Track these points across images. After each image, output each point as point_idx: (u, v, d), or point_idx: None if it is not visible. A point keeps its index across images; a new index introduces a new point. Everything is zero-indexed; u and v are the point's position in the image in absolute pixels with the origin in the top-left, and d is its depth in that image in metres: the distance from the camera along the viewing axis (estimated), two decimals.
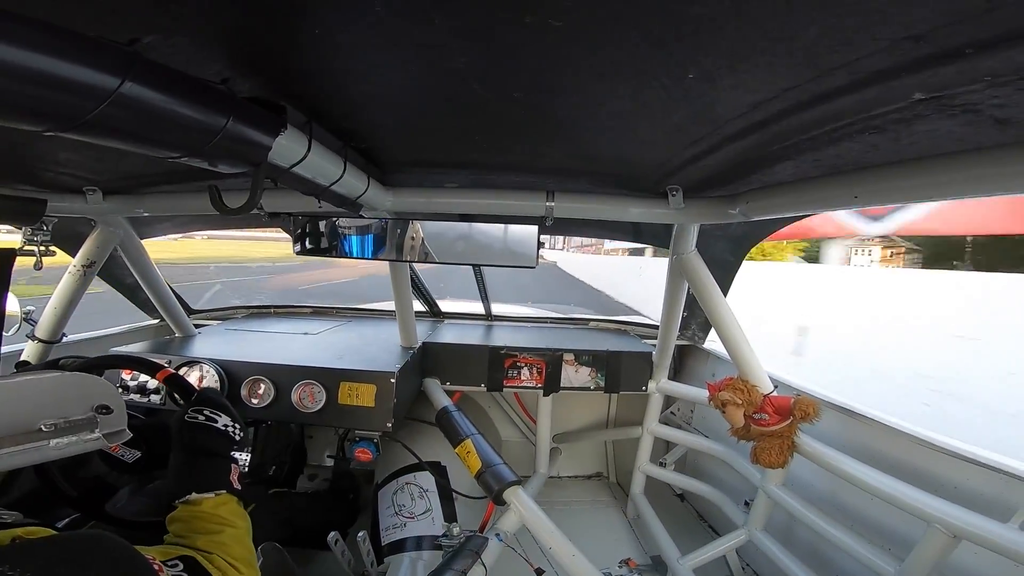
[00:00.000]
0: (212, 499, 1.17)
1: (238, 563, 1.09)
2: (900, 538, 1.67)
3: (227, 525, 1.14)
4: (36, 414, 0.99)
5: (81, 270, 2.09)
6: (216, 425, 1.29)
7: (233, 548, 1.11)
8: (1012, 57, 0.59)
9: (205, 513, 1.14)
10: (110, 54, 0.59)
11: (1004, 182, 0.89)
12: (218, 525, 1.13)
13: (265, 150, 0.91)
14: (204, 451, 1.25)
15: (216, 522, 1.13)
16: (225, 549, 1.09)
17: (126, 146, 0.71)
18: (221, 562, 1.05)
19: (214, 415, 1.30)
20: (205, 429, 1.28)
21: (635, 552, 2.63)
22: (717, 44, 0.66)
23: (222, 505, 1.17)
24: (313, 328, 2.91)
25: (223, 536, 1.11)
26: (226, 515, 1.16)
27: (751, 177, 1.36)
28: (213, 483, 1.19)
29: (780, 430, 1.89)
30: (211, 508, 1.15)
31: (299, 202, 1.71)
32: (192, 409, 1.31)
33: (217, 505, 1.16)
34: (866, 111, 0.84)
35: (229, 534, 1.13)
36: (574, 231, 2.59)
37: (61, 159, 1.38)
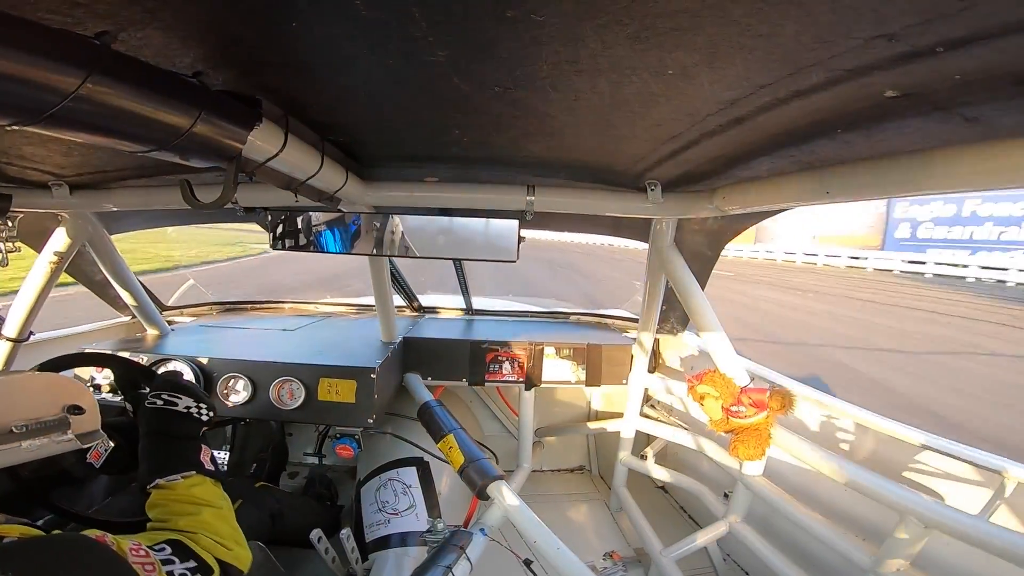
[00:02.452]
0: (183, 481, 1.15)
1: (224, 540, 1.08)
2: (874, 529, 1.72)
3: (204, 505, 1.13)
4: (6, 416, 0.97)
5: (48, 266, 2.03)
6: (177, 408, 1.27)
7: (215, 526, 1.09)
8: (982, 56, 0.61)
9: (179, 495, 1.13)
10: (76, 47, 0.57)
11: (974, 179, 0.91)
12: (194, 506, 1.11)
13: (239, 144, 0.90)
14: (167, 435, 1.23)
15: (192, 502, 1.12)
16: (207, 528, 1.07)
17: (94, 140, 0.69)
18: (207, 541, 1.04)
19: (173, 398, 1.28)
20: (165, 413, 1.25)
21: (619, 544, 2.66)
22: (695, 41, 0.66)
23: (195, 486, 1.16)
24: (291, 324, 2.87)
25: (203, 516, 1.09)
26: (201, 495, 1.14)
27: (728, 172, 1.38)
28: (180, 465, 1.17)
29: (757, 422, 1.93)
30: (184, 490, 1.14)
31: (275, 196, 1.68)
32: (151, 395, 1.28)
33: (190, 487, 1.15)
34: (839, 108, 0.85)
35: (209, 513, 1.11)
36: (554, 225, 2.60)
37: (26, 153, 1.34)
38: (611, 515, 2.97)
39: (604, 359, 2.71)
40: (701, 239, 2.10)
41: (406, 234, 1.60)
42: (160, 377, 1.36)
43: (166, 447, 1.21)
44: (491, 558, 1.73)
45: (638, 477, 2.92)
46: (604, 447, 3.46)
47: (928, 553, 1.51)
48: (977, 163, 0.88)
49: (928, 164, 0.95)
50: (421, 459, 2.30)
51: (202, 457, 1.23)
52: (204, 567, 0.99)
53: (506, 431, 3.44)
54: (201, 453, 1.23)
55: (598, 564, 2.42)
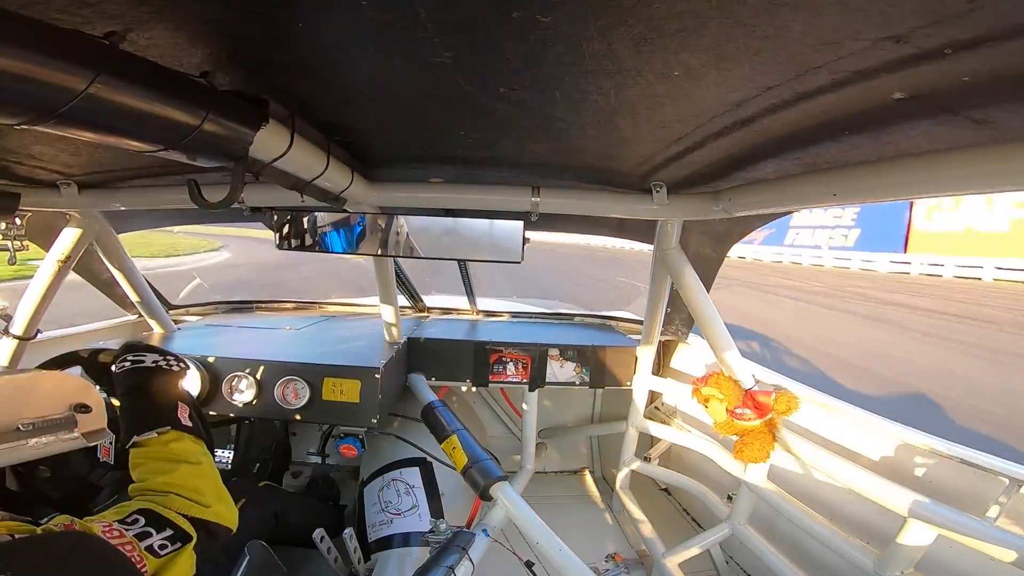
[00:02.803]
0: (157, 437, 1.13)
1: (203, 498, 1.05)
2: (879, 531, 1.71)
3: (181, 461, 1.10)
4: (13, 413, 0.97)
5: (56, 265, 2.04)
6: (144, 363, 1.24)
7: (193, 483, 1.07)
8: (990, 58, 0.60)
9: (155, 452, 1.11)
10: (85, 47, 0.58)
11: (980, 181, 0.91)
12: (170, 463, 1.09)
13: (246, 144, 0.90)
14: (139, 391, 1.21)
15: (167, 459, 1.10)
16: (184, 485, 1.05)
17: (102, 140, 0.70)
18: (180, 501, 1.02)
19: (139, 356, 1.25)
20: (133, 371, 1.23)
21: (621, 546, 2.65)
22: (701, 42, 0.66)
23: (172, 442, 1.13)
24: (296, 323, 2.88)
25: (178, 473, 1.07)
26: (178, 452, 1.12)
27: (734, 174, 1.38)
28: (154, 421, 1.15)
29: (761, 425, 1.92)
30: (160, 446, 1.12)
31: (281, 196, 1.68)
32: (117, 362, 1.26)
33: (166, 443, 1.13)
34: (846, 110, 0.85)
35: (185, 470, 1.09)
36: (559, 227, 2.60)
37: (35, 152, 1.35)
38: (614, 517, 2.96)
39: (608, 361, 2.71)
40: (706, 241, 2.09)
41: (411, 235, 1.60)
42: (123, 345, 1.32)
43: (139, 404, 1.19)
44: (493, 559, 1.73)
45: (641, 479, 2.92)
46: (607, 449, 3.45)
47: (933, 556, 1.50)
48: (985, 165, 0.87)
49: (936, 167, 0.94)
50: (424, 459, 2.30)
51: (179, 414, 1.19)
52: (181, 533, 0.97)
53: (509, 432, 3.44)
54: (178, 410, 1.20)
55: (600, 566, 2.41)
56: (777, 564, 1.89)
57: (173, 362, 1.29)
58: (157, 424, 1.14)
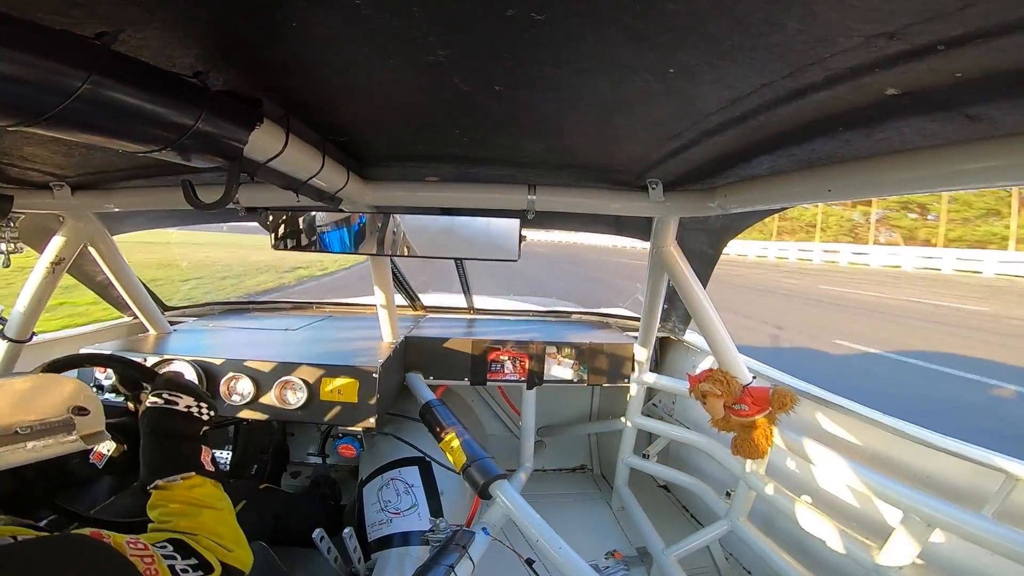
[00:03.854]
0: (182, 482, 1.14)
1: (225, 542, 1.07)
2: (877, 526, 1.72)
3: (204, 507, 1.12)
4: (11, 417, 0.97)
5: (50, 267, 2.03)
6: (178, 408, 1.25)
7: (216, 528, 1.09)
8: (983, 55, 0.60)
9: (178, 496, 1.11)
10: (76, 48, 0.57)
11: (974, 177, 0.91)
12: (195, 507, 1.11)
13: (240, 144, 0.90)
14: (167, 435, 1.21)
15: (192, 503, 1.11)
16: (207, 529, 1.06)
17: (95, 141, 0.70)
18: (208, 542, 1.03)
19: (174, 397, 1.26)
20: (166, 413, 1.24)
21: (621, 543, 2.66)
22: (696, 40, 0.66)
23: (196, 488, 1.14)
24: (293, 324, 2.87)
25: (202, 517, 1.09)
26: (201, 497, 1.13)
27: (729, 171, 1.38)
28: (180, 466, 1.16)
29: (759, 420, 1.93)
30: (184, 491, 1.13)
31: (277, 196, 1.68)
32: (152, 394, 1.27)
33: (190, 488, 1.14)
34: (841, 106, 0.85)
35: (209, 515, 1.10)
36: (556, 224, 2.60)
37: (27, 154, 1.34)
38: (613, 514, 2.97)
39: (606, 358, 2.71)
40: (703, 238, 2.09)
41: (407, 234, 1.60)
42: (161, 377, 1.34)
43: (166, 447, 1.20)
44: (493, 557, 1.73)
45: (640, 476, 2.92)
46: (606, 446, 3.46)
47: (931, 551, 1.51)
48: (979, 161, 0.88)
49: (929, 162, 0.95)
50: (423, 458, 2.30)
51: (203, 458, 1.22)
52: (205, 564, 0.98)
53: (508, 430, 3.44)
54: (202, 454, 1.22)
55: (600, 563, 2.41)
56: (776, 560, 1.90)
57: (205, 410, 1.30)
58: (182, 469, 1.16)
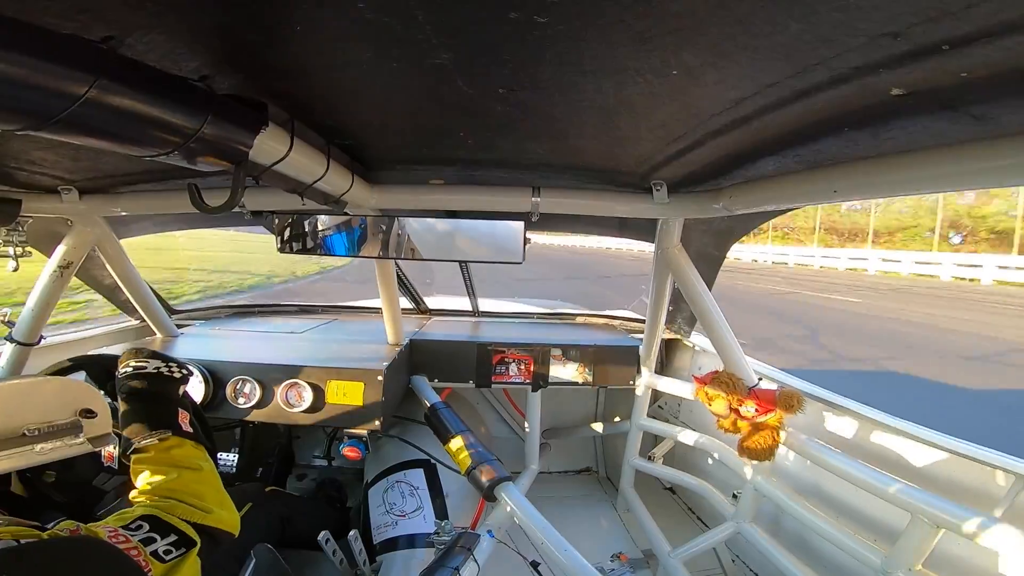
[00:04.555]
0: (158, 443, 1.12)
1: (204, 503, 1.05)
2: (885, 529, 1.70)
3: (183, 467, 1.10)
4: (19, 419, 0.98)
5: (58, 271, 2.04)
6: (146, 370, 1.23)
7: (196, 488, 1.07)
8: (988, 54, 0.60)
9: (155, 457, 1.10)
10: (83, 52, 0.58)
11: (981, 177, 0.90)
12: (172, 468, 1.09)
13: (246, 148, 0.90)
14: (139, 397, 1.20)
15: (168, 464, 1.10)
16: (185, 491, 1.05)
17: (101, 145, 0.70)
18: (183, 507, 1.01)
19: (142, 362, 1.24)
20: (135, 376, 1.22)
21: (626, 546, 2.65)
22: (700, 41, 0.66)
23: (173, 448, 1.13)
24: (299, 327, 2.88)
25: (180, 479, 1.07)
26: (179, 457, 1.12)
27: (734, 172, 1.37)
28: (155, 426, 1.14)
29: (766, 422, 1.92)
30: (161, 452, 1.11)
31: (282, 200, 1.69)
32: (120, 368, 1.25)
33: (167, 448, 1.12)
34: (845, 107, 0.85)
35: (188, 475, 1.09)
36: (560, 227, 2.60)
37: (35, 158, 1.35)
38: (618, 516, 2.96)
39: (611, 360, 2.70)
40: (708, 239, 2.09)
41: (412, 236, 1.61)
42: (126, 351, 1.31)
43: (139, 410, 1.18)
44: (498, 560, 1.72)
45: (645, 478, 2.91)
46: (611, 448, 3.45)
47: (940, 553, 1.49)
48: (986, 161, 0.87)
49: (935, 162, 0.94)
50: (428, 461, 2.30)
51: (180, 420, 1.19)
52: (185, 539, 0.97)
53: (513, 433, 3.44)
54: (179, 416, 1.20)
55: (606, 566, 2.41)
56: (783, 562, 1.89)
57: (175, 368, 1.28)
58: (158, 429, 1.14)
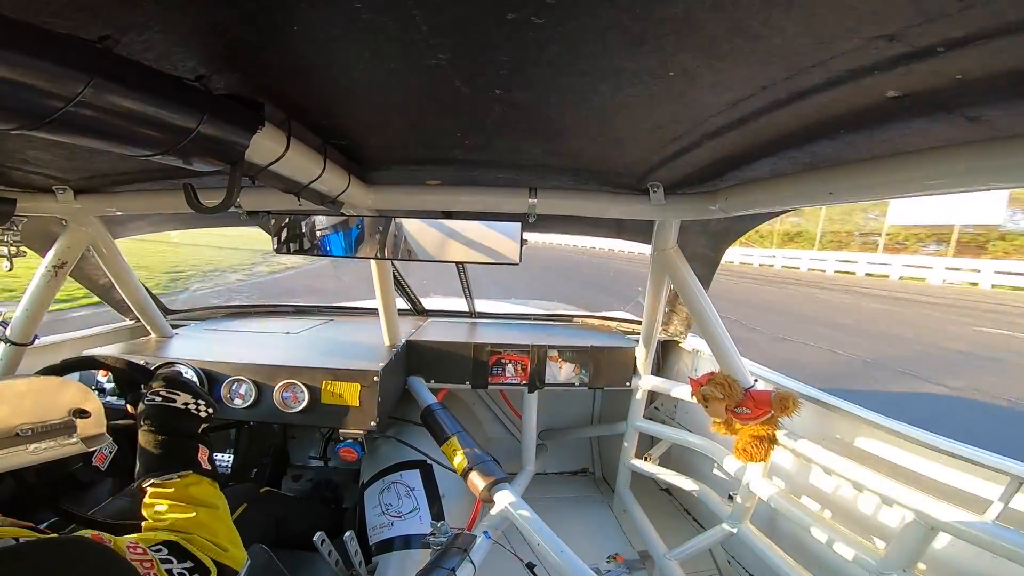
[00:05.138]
0: (179, 480, 1.12)
1: (219, 541, 1.06)
2: (880, 530, 1.71)
3: (200, 505, 1.10)
4: (12, 419, 0.97)
5: (52, 271, 2.04)
6: (175, 404, 1.23)
7: (211, 526, 1.07)
8: (983, 56, 0.60)
9: (174, 494, 1.10)
10: (78, 51, 0.58)
11: (975, 178, 0.91)
12: (191, 505, 1.09)
13: (242, 148, 0.90)
14: (164, 432, 1.20)
15: (188, 502, 1.10)
16: (202, 528, 1.05)
17: (96, 144, 0.70)
18: (201, 541, 1.02)
19: (171, 394, 1.24)
20: (163, 410, 1.22)
21: (622, 547, 2.65)
22: (696, 42, 0.66)
23: (192, 486, 1.13)
24: (295, 327, 2.87)
25: (198, 516, 1.07)
26: (198, 495, 1.12)
27: (730, 174, 1.38)
28: (177, 464, 1.15)
29: (761, 423, 1.92)
30: (180, 489, 1.11)
31: (278, 200, 1.69)
32: (149, 392, 1.25)
33: (186, 486, 1.12)
34: (841, 109, 0.85)
35: (205, 513, 1.09)
36: (557, 228, 2.60)
37: (30, 157, 1.34)
38: (614, 517, 2.96)
39: (607, 361, 2.71)
40: (704, 241, 2.09)
41: (409, 238, 1.60)
42: (159, 374, 1.32)
43: (163, 445, 1.18)
44: (494, 561, 1.72)
45: (642, 479, 2.92)
46: (607, 449, 3.45)
47: (935, 555, 1.50)
48: (980, 162, 0.88)
49: (931, 164, 0.95)
50: (424, 462, 2.29)
51: (200, 456, 1.20)
52: (201, 567, 0.97)
53: (509, 434, 3.44)
54: (199, 452, 1.21)
55: (602, 567, 2.41)
56: (779, 563, 1.89)
57: (203, 407, 1.29)
58: (179, 467, 1.15)
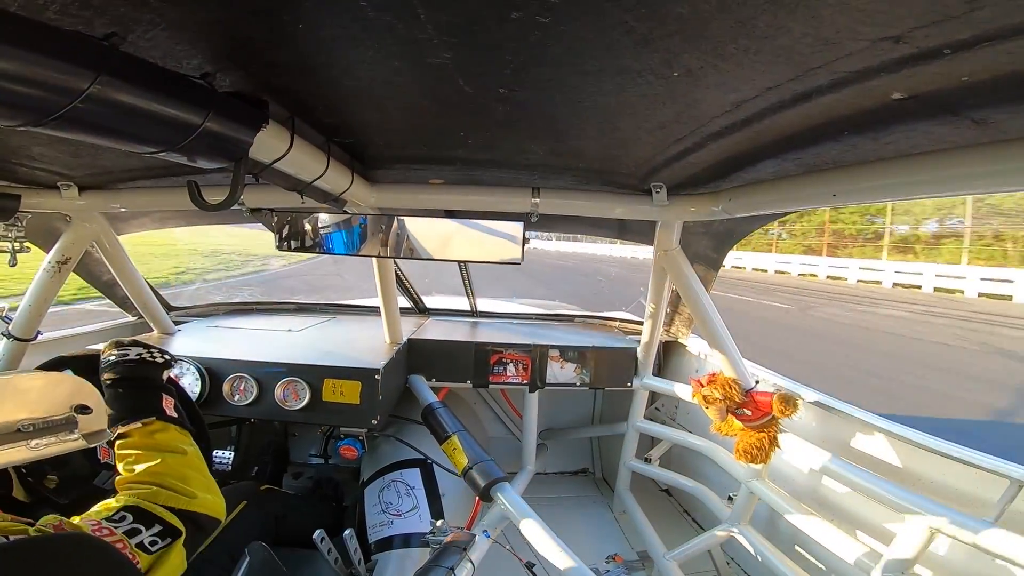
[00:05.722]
0: (142, 427, 1.12)
1: (190, 486, 1.05)
2: (880, 532, 1.71)
3: (167, 451, 1.10)
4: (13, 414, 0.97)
5: (56, 267, 2.04)
6: (128, 356, 1.23)
7: (179, 471, 1.07)
8: (989, 59, 0.60)
9: (139, 442, 1.10)
10: (85, 48, 0.58)
11: (980, 181, 0.91)
12: (156, 452, 1.08)
13: (246, 145, 0.90)
14: (122, 383, 1.19)
15: (152, 448, 1.09)
16: (169, 475, 1.04)
17: (102, 141, 0.70)
18: (166, 494, 1.01)
19: (124, 350, 1.24)
20: (117, 363, 1.22)
21: (622, 547, 2.65)
22: (701, 43, 0.66)
23: (157, 432, 1.13)
24: (297, 324, 2.87)
25: (165, 463, 1.07)
26: (163, 441, 1.11)
27: (734, 175, 1.38)
28: (139, 411, 1.14)
29: (762, 425, 1.92)
30: (145, 436, 1.11)
31: (281, 198, 1.69)
32: (103, 358, 1.25)
33: (151, 433, 1.12)
34: (846, 110, 0.85)
35: (173, 459, 1.08)
36: (559, 227, 2.60)
37: (35, 153, 1.35)
38: (614, 518, 2.96)
39: (608, 362, 2.71)
40: (706, 242, 2.09)
41: (411, 236, 1.60)
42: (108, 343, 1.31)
43: (122, 395, 1.18)
44: (494, 560, 1.72)
45: (641, 480, 2.91)
46: (608, 450, 3.45)
47: (934, 557, 1.50)
48: (986, 165, 0.87)
49: (935, 166, 0.94)
50: (425, 460, 2.29)
51: (164, 405, 1.19)
52: (169, 528, 0.96)
53: (510, 433, 3.44)
54: (163, 401, 1.20)
55: (601, 567, 2.41)
56: (778, 564, 1.89)
57: (157, 354, 1.28)
58: (141, 414, 1.14)
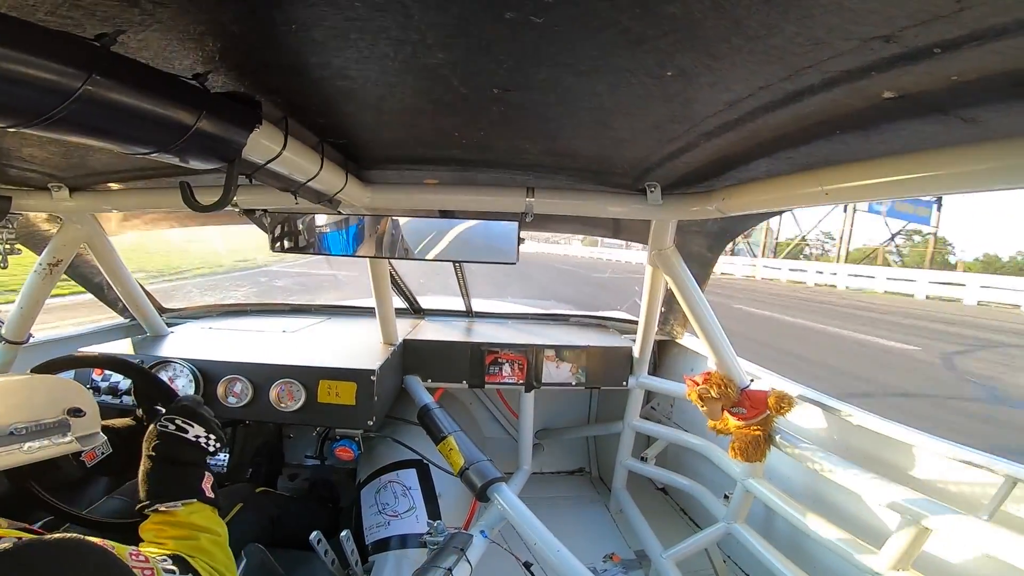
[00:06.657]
0: (182, 508, 1.14)
1: (219, 567, 1.07)
2: (875, 529, 1.72)
3: (202, 532, 1.12)
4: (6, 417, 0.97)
5: (47, 269, 2.02)
6: (187, 436, 1.25)
7: (212, 553, 1.09)
8: (979, 58, 0.61)
9: (177, 522, 1.12)
10: (75, 49, 0.57)
11: (971, 179, 0.91)
12: (193, 532, 1.11)
13: (239, 146, 0.90)
14: (172, 461, 1.22)
15: (190, 529, 1.11)
16: (204, 554, 1.07)
17: (93, 142, 0.70)
18: (203, 564, 1.03)
19: (186, 425, 1.26)
20: (175, 439, 1.24)
21: (619, 546, 2.66)
22: (694, 42, 0.67)
23: (194, 514, 1.15)
24: (291, 326, 2.86)
25: (200, 542, 1.09)
26: (200, 523, 1.14)
27: (727, 174, 1.38)
28: (182, 493, 1.16)
29: (757, 423, 1.93)
30: (183, 517, 1.13)
31: (275, 198, 1.68)
32: (165, 418, 1.27)
33: (189, 513, 1.14)
34: (838, 109, 0.85)
35: (206, 540, 1.11)
36: (554, 227, 2.60)
37: (26, 155, 1.34)
38: (611, 517, 2.97)
39: (604, 361, 2.71)
40: (701, 241, 2.10)
41: (406, 236, 1.60)
42: (178, 402, 1.35)
43: (170, 473, 1.20)
44: (491, 560, 1.72)
45: (638, 479, 2.92)
46: (604, 449, 3.46)
47: (929, 554, 1.51)
48: (976, 164, 0.88)
49: (926, 165, 0.95)
50: (421, 461, 2.29)
51: (204, 484, 1.22)
52: None
53: (506, 433, 3.44)
54: (204, 480, 1.22)
55: (598, 566, 2.42)
56: (774, 563, 1.90)
57: (213, 442, 1.31)
58: (183, 495, 1.16)
